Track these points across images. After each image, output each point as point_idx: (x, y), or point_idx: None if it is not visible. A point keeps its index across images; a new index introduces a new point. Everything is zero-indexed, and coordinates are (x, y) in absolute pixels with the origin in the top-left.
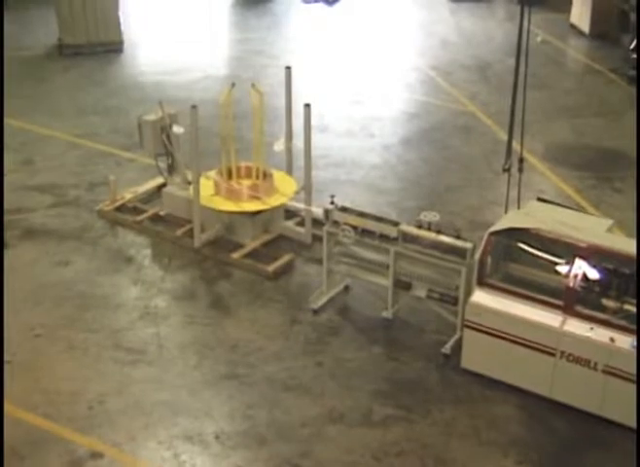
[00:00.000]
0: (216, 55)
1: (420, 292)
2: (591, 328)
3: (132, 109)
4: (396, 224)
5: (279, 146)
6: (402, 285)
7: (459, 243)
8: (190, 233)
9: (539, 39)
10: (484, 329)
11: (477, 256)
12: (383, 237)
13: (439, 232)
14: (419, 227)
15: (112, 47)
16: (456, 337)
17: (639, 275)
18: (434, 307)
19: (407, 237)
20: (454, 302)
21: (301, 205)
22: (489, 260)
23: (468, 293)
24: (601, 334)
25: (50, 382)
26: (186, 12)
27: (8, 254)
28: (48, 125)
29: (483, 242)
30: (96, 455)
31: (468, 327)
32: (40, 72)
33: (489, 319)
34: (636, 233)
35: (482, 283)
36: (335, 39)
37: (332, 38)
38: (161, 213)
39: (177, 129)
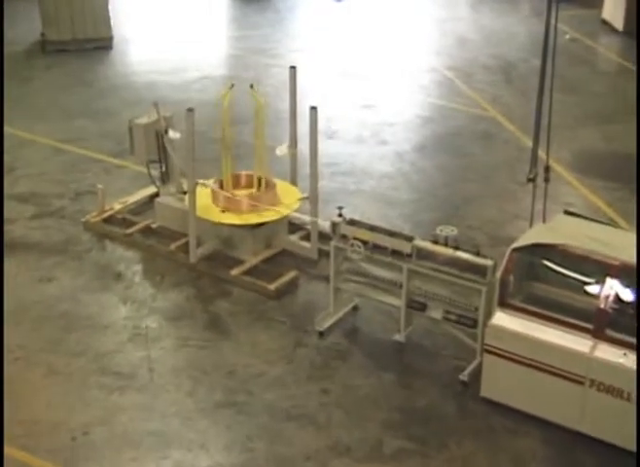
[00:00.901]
0: (214, 54)
1: (436, 313)
2: (624, 354)
3: (123, 111)
4: (410, 239)
5: (282, 150)
6: (416, 306)
7: (479, 260)
8: (185, 248)
9: (567, 37)
10: (506, 354)
11: (498, 274)
12: (396, 253)
13: (456, 247)
14: (435, 242)
15: (101, 43)
16: (475, 362)
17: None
18: (451, 330)
19: (421, 254)
20: (473, 324)
21: (306, 218)
22: (512, 279)
23: (488, 315)
24: (635, 360)
25: (29, 411)
26: (182, 6)
27: None
28: (29, 128)
29: (505, 259)
30: None
31: (488, 352)
32: (21, 70)
33: (512, 343)
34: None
35: (504, 304)
36: (344, 37)
37: (340, 36)
38: (154, 225)
39: (172, 134)
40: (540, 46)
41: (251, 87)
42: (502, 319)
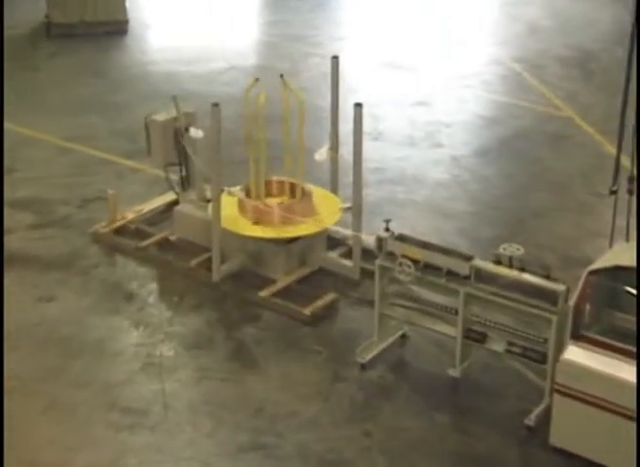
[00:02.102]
0: (245, 41)
1: (497, 345)
2: None
3: (138, 106)
4: (468, 258)
5: (321, 155)
6: (474, 336)
7: (549, 284)
8: (207, 264)
9: None
10: (581, 395)
11: (571, 301)
12: (451, 275)
13: (522, 269)
14: (498, 262)
15: (114, 27)
16: (544, 404)
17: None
18: (515, 366)
19: (481, 276)
20: (542, 359)
21: (347, 232)
22: (588, 306)
23: (560, 348)
24: None
25: (26, 450)
26: None
27: None
28: (32, 125)
29: (581, 284)
30: None
31: (559, 392)
32: (22, 58)
33: (587, 383)
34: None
35: (579, 336)
36: (394, 23)
37: (390, 22)
38: (172, 238)
39: (195, 133)
40: (625, 33)
41: (281, 77)
42: (576, 354)
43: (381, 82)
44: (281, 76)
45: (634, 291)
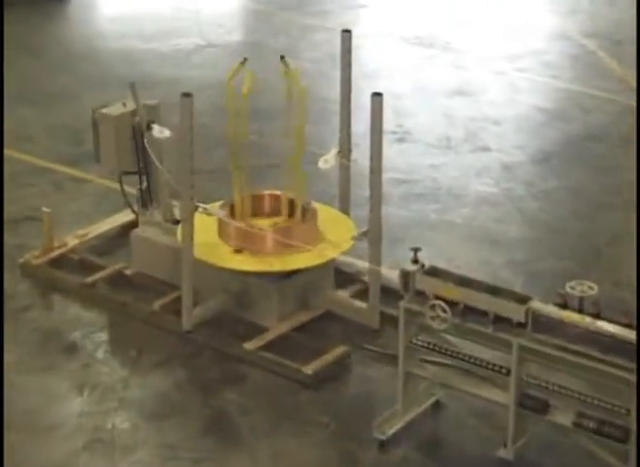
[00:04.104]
0: (227, 10)
1: (563, 417)
2: None
3: (84, 96)
4: (523, 299)
5: (328, 162)
6: (532, 405)
7: (632, 336)
8: (175, 307)
9: None
10: None
11: None
12: (501, 322)
13: (597, 315)
14: (563, 306)
15: None
16: None
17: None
18: (586, 444)
19: (541, 323)
20: (622, 436)
21: (362, 264)
22: None
23: None
24: None
25: None
26: None
27: None
28: None
29: None
30: None
31: None
32: None
33: None
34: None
35: None
36: None
37: None
38: (128, 272)
39: (159, 132)
40: None
41: (282, 59)
42: None
43: (408, 64)
44: (282, 58)
45: None
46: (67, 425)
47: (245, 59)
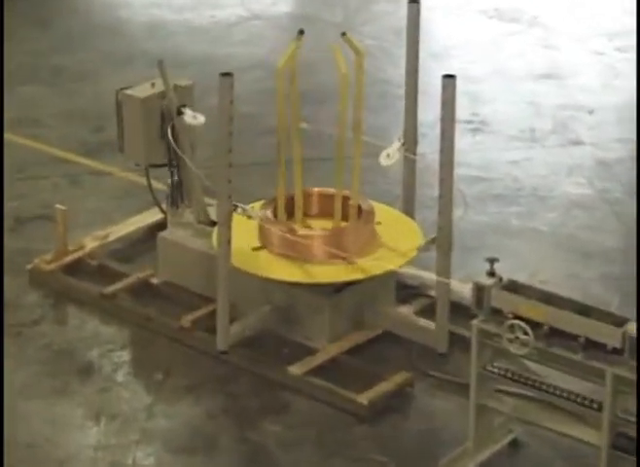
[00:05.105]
0: None
1: None
2: None
3: (105, 75)
4: (620, 321)
5: (390, 157)
6: (628, 446)
7: None
8: (208, 323)
9: None
10: None
11: None
12: (593, 347)
13: None
14: None
15: None
16: None
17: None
18: None
19: None
20: None
21: (429, 276)
22: None
23: None
24: None
25: None
26: None
27: None
28: None
29: None
30: None
31: None
32: None
33: None
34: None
35: None
36: None
37: None
38: (154, 281)
39: (192, 118)
40: None
41: (343, 35)
42: None
43: (486, 42)
44: (343, 34)
45: None
46: (81, 460)
47: (302, 32)
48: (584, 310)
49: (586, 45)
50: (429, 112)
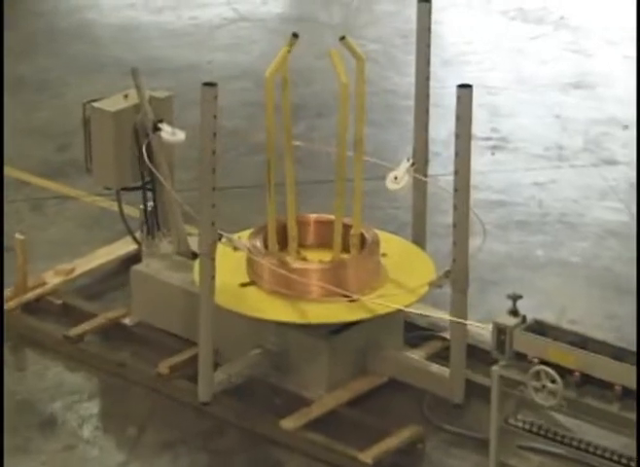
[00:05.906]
0: None
1: None
2: None
3: (72, 85)
4: None
5: (400, 180)
6: None
7: None
8: (189, 370)
9: None
10: None
11: None
12: (630, 397)
13: None
14: None
15: None
16: None
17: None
18: None
19: None
20: None
21: (442, 316)
22: None
23: None
24: None
25: None
26: None
27: None
28: None
29: None
30: None
31: None
32: None
33: None
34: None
35: None
36: None
37: None
38: (127, 321)
39: (171, 134)
40: None
41: (341, 39)
42: None
43: (507, 46)
44: (342, 38)
45: None
46: None
47: (295, 35)
48: (620, 355)
49: (619, 49)
50: (442, 127)
